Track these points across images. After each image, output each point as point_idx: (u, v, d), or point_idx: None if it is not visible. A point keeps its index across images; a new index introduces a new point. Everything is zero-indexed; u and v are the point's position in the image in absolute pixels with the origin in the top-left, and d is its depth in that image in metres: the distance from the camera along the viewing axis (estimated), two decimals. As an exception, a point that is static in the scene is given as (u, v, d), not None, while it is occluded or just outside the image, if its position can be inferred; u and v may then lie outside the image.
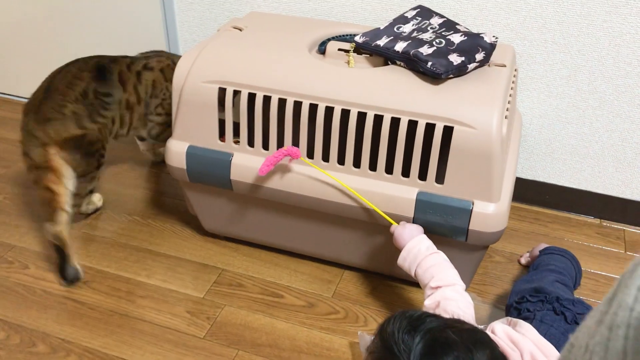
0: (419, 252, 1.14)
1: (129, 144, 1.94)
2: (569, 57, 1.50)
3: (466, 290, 1.11)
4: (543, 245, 1.42)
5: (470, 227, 1.20)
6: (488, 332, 1.02)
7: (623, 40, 1.43)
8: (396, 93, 1.21)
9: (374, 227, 1.31)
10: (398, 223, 1.22)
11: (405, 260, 1.16)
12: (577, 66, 1.50)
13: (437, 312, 1.02)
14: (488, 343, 0.84)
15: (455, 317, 0.95)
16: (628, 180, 1.60)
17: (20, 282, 1.41)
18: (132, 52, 1.64)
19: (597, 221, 1.66)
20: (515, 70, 1.41)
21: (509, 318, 1.07)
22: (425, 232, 1.21)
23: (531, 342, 0.97)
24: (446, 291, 1.06)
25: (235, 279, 1.43)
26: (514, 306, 1.12)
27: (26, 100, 1.45)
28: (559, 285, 1.17)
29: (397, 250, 1.19)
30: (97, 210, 1.64)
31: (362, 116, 1.21)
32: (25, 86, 1.80)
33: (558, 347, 0.97)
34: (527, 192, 1.69)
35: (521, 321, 1.03)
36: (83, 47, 1.97)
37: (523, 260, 1.49)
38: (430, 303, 1.06)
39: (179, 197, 1.70)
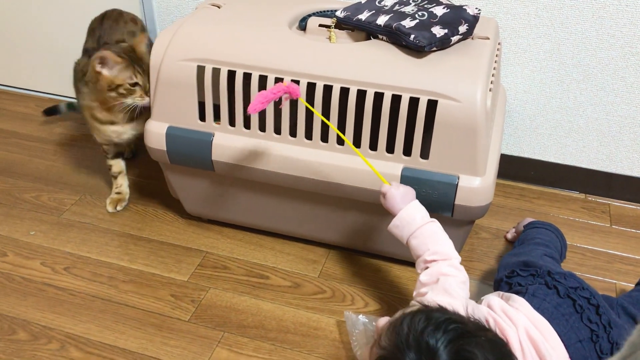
0: (413, 220, 1.09)
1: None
2: (552, 31, 1.48)
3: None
4: (528, 220, 1.41)
5: (456, 202, 1.19)
6: (484, 306, 1.01)
7: (606, 12, 1.42)
8: (379, 67, 1.19)
9: (359, 204, 1.29)
10: (390, 183, 1.14)
11: (397, 228, 1.11)
12: (560, 39, 1.49)
13: (436, 289, 1.00)
14: (511, 358, 0.83)
15: (452, 293, 0.93)
16: (612, 154, 1.60)
17: (-2, 269, 1.38)
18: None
19: (582, 196, 1.66)
20: (499, 44, 1.39)
21: (501, 292, 1.06)
22: None
23: (525, 316, 0.96)
24: (443, 266, 1.03)
25: (219, 261, 1.41)
26: (505, 280, 1.11)
27: None
28: (548, 258, 1.16)
29: (387, 214, 1.14)
30: None
31: (345, 92, 1.19)
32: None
33: (551, 321, 0.96)
34: (512, 168, 1.68)
35: (514, 295, 1.01)
36: (56, 25, 1.92)
37: (509, 236, 1.48)
38: (427, 279, 1.03)
39: (161, 180, 1.67)
